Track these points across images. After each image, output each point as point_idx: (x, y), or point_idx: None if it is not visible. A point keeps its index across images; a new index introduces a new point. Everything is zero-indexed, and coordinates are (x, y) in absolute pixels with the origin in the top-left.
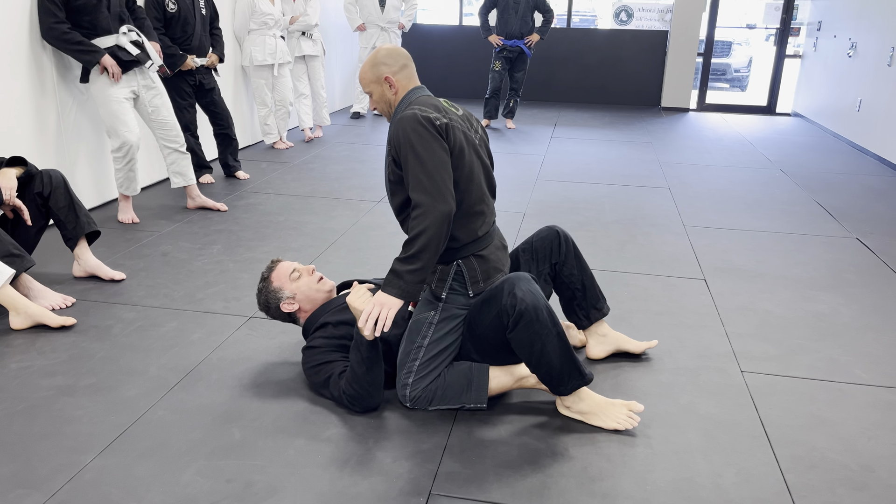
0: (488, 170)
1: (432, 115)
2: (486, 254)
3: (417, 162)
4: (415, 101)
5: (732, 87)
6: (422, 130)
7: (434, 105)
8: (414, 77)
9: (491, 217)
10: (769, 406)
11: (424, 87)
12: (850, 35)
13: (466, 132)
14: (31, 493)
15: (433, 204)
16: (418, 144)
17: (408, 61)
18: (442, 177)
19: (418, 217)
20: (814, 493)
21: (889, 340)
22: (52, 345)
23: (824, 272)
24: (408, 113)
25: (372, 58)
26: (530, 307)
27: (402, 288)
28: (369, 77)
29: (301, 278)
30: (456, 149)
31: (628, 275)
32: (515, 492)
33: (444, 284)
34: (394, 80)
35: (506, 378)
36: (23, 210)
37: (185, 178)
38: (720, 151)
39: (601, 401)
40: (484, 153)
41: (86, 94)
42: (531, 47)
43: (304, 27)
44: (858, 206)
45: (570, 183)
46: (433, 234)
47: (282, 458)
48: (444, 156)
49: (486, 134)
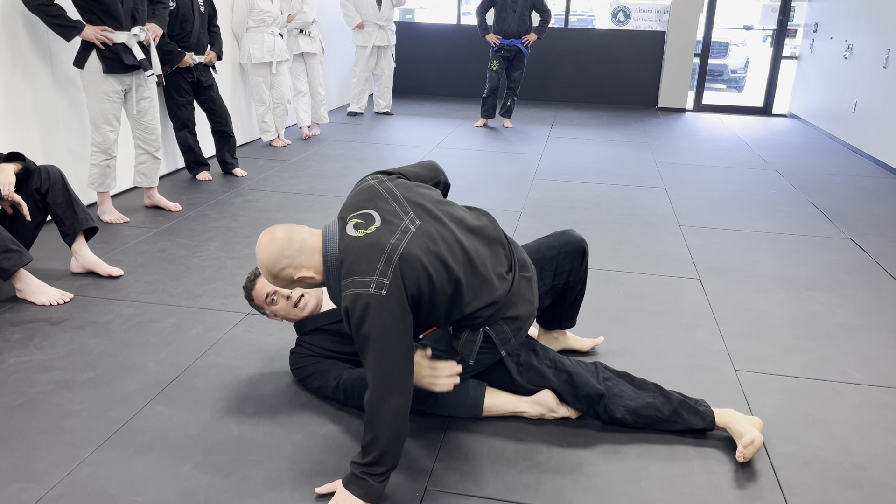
0: (463, 223)
1: (384, 282)
2: (513, 313)
3: (373, 350)
4: (347, 262)
5: (729, 87)
6: (381, 316)
7: (370, 246)
8: (311, 241)
9: (501, 267)
10: (762, 405)
11: (328, 226)
12: (846, 37)
13: (420, 230)
14: (30, 487)
15: (382, 399)
16: (374, 330)
17: (294, 234)
18: (397, 364)
19: (368, 424)
20: (806, 490)
21: (882, 341)
22: (50, 340)
23: (819, 272)
24: (360, 293)
25: (265, 269)
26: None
27: (365, 489)
28: (283, 285)
29: (278, 303)
30: (422, 277)
31: (624, 274)
32: (510, 487)
33: (472, 349)
34: (305, 273)
35: (502, 403)
36: (21, 205)
37: (148, 179)
38: (716, 152)
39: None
40: (443, 214)
41: (78, 87)
42: (528, 47)
43: (302, 25)
44: (853, 207)
45: (567, 182)
46: (389, 438)
47: (280, 453)
48: (403, 338)
49: (437, 183)
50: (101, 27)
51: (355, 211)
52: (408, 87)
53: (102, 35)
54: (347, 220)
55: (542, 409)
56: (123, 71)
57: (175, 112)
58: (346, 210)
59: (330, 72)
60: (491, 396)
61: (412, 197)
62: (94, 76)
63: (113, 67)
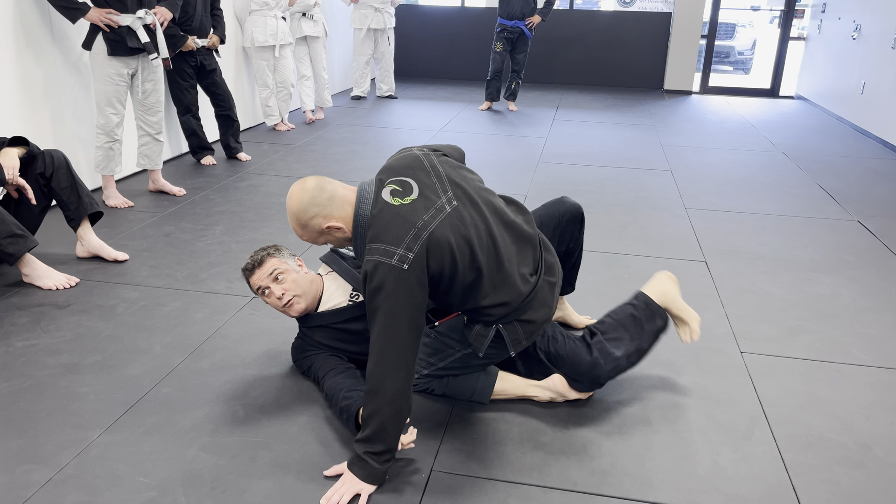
0: (501, 215)
1: (409, 255)
2: (530, 316)
3: (382, 321)
4: (376, 227)
5: (736, 69)
6: (397, 289)
7: (402, 218)
8: (342, 192)
9: (526, 268)
10: (768, 386)
11: (365, 184)
12: (854, 17)
13: (455, 211)
14: (39, 468)
15: (382, 380)
16: (387, 302)
17: (325, 184)
18: (405, 340)
19: (369, 395)
20: (811, 471)
21: (888, 322)
22: (57, 324)
23: (825, 254)
24: (382, 262)
25: (294, 219)
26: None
27: (368, 471)
28: (311, 236)
29: (269, 297)
30: (446, 259)
31: (629, 257)
32: (516, 469)
33: (483, 343)
34: (335, 223)
35: (511, 387)
36: (27, 189)
37: (151, 161)
38: (722, 134)
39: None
40: (482, 200)
41: (85, 73)
42: (532, 29)
43: (304, 8)
44: (860, 189)
45: (572, 165)
46: (390, 414)
47: (285, 434)
48: (414, 315)
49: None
50: (105, 10)
51: (395, 175)
52: (412, 70)
53: (107, 17)
54: (385, 183)
55: (553, 393)
56: (128, 54)
57: (178, 96)
58: (385, 172)
59: (333, 55)
60: (501, 381)
61: (454, 177)
62: (99, 58)
63: (117, 50)
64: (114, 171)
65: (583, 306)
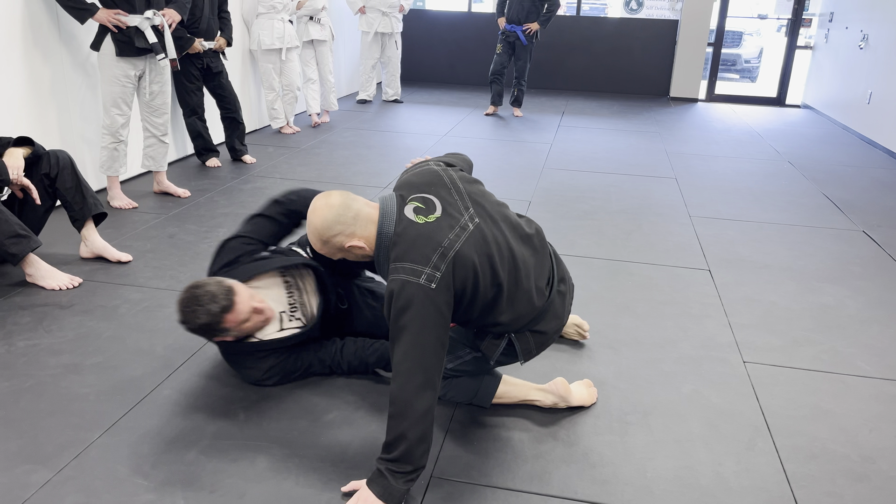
0: (518, 230)
1: (436, 275)
2: (542, 327)
3: (409, 341)
4: (401, 246)
5: (742, 77)
6: (426, 308)
7: (427, 237)
8: (367, 211)
9: (542, 280)
10: (771, 396)
11: (386, 200)
12: (861, 27)
13: (477, 229)
14: (38, 469)
15: (410, 401)
16: (415, 321)
17: (350, 201)
18: (432, 360)
19: (394, 418)
20: (814, 483)
21: (894, 333)
22: (59, 324)
23: (830, 264)
24: (409, 281)
25: (316, 234)
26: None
27: (387, 490)
28: (330, 252)
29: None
30: (469, 278)
31: (633, 264)
32: (516, 477)
33: (495, 352)
34: (357, 242)
35: (514, 391)
36: (31, 189)
37: (156, 163)
38: (728, 142)
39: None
40: (499, 217)
41: (92, 74)
42: (529, 35)
43: (311, 11)
44: (866, 198)
45: (577, 172)
46: (415, 438)
47: (285, 438)
48: (440, 334)
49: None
50: (114, 10)
51: (417, 192)
52: (418, 74)
53: (115, 18)
54: (408, 200)
55: (555, 397)
56: (135, 54)
57: (185, 98)
58: (406, 188)
59: (339, 59)
60: (504, 385)
61: (473, 193)
62: (107, 59)
63: (125, 51)
64: (118, 172)
65: (586, 313)
